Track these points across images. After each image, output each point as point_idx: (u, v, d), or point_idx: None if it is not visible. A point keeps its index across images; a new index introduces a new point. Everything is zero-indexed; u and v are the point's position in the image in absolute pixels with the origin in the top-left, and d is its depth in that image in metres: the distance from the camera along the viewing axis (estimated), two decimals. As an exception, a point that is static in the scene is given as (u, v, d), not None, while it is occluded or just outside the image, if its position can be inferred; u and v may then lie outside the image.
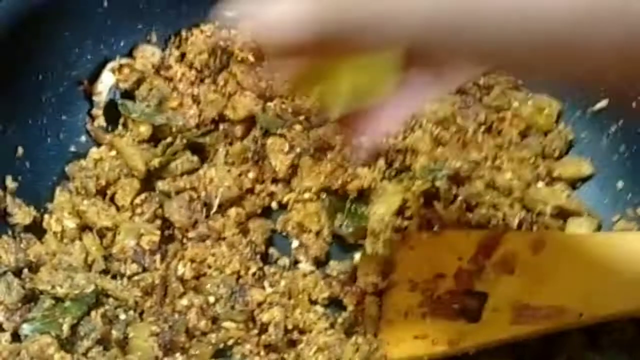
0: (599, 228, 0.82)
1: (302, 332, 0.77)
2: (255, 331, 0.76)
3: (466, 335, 0.71)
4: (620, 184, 0.84)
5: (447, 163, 0.84)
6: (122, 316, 0.76)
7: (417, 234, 0.82)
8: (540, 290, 0.71)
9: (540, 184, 0.84)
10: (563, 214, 0.83)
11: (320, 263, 0.83)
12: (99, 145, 0.87)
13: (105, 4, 0.86)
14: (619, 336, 0.73)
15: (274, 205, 0.87)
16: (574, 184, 0.86)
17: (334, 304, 0.81)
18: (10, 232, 0.79)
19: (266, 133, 0.88)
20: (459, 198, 0.83)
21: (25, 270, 0.77)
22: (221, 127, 0.89)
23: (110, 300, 0.77)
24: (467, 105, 0.89)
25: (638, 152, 0.83)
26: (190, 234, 0.82)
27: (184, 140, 0.87)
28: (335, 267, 0.82)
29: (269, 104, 0.90)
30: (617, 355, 0.73)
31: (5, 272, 0.76)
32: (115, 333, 0.74)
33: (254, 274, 0.80)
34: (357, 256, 0.83)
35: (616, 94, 0.83)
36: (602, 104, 0.86)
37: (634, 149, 0.83)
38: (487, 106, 0.89)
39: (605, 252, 0.71)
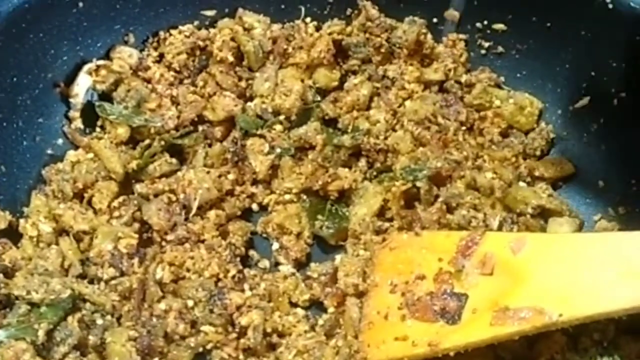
0: (580, 228, 0.82)
1: (281, 335, 0.77)
2: (234, 335, 0.75)
3: (446, 337, 0.71)
4: (601, 183, 0.84)
5: (428, 163, 0.84)
6: (100, 321, 0.75)
7: (398, 235, 0.81)
8: (520, 291, 0.70)
9: (522, 184, 0.84)
10: (544, 214, 0.82)
11: (301, 265, 0.83)
12: (76, 147, 0.86)
13: (81, 4, 0.85)
14: (600, 337, 0.73)
15: (254, 206, 0.86)
16: (555, 183, 0.86)
17: (315, 305, 0.80)
18: (-15, 237, 0.78)
19: (246, 134, 0.88)
20: (440, 199, 0.82)
21: (0, 276, 0.76)
22: (200, 128, 0.88)
23: (87, 305, 0.76)
24: (448, 104, 0.89)
25: (619, 151, 0.82)
26: (169, 237, 0.81)
27: (163, 142, 0.86)
28: (316, 268, 0.82)
29: (248, 104, 0.89)
30: (598, 356, 0.73)
31: (-20, 278, 0.75)
32: (92, 338, 0.74)
33: (233, 277, 0.79)
34: (338, 258, 0.82)
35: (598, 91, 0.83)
36: (583, 102, 0.85)
37: (615, 148, 0.83)
38: (468, 105, 0.89)
39: (586, 253, 0.70)
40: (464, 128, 0.88)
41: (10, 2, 0.80)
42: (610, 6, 0.79)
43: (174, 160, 0.86)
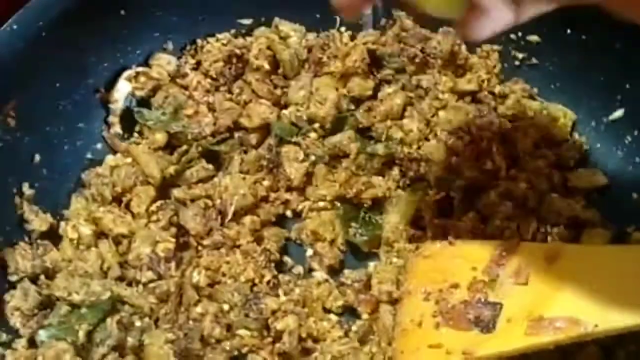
0: (613, 239, 0.82)
1: (316, 340, 0.77)
2: (270, 339, 0.76)
3: (480, 345, 0.71)
4: (635, 195, 0.84)
5: (462, 173, 0.84)
6: (138, 323, 0.76)
7: (431, 244, 0.82)
8: (555, 301, 0.70)
9: (555, 195, 0.84)
10: (577, 225, 0.82)
11: (334, 271, 0.84)
12: (115, 152, 0.88)
13: (123, 12, 0.86)
14: (635, 348, 0.73)
15: (288, 213, 0.87)
16: (588, 194, 0.86)
17: (348, 312, 0.81)
18: (27, 239, 0.80)
19: (281, 141, 0.89)
20: (474, 209, 0.83)
21: (42, 277, 0.77)
22: (236, 135, 0.90)
23: (126, 307, 0.77)
24: (482, 114, 0.89)
25: (653, 163, 0.83)
26: (205, 242, 0.82)
27: (199, 148, 0.87)
28: (349, 275, 0.82)
29: (283, 111, 0.90)
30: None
31: (22, 279, 0.77)
32: (130, 340, 0.75)
33: (268, 282, 0.80)
34: (372, 265, 0.83)
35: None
36: (618, 114, 0.86)
37: (650, 160, 0.83)
38: (502, 115, 0.89)
39: (620, 264, 0.70)
40: (497, 138, 0.88)
41: (55, 10, 0.82)
42: (646, 19, 0.79)
43: (210, 166, 0.87)
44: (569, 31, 0.86)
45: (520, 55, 0.91)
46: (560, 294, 0.70)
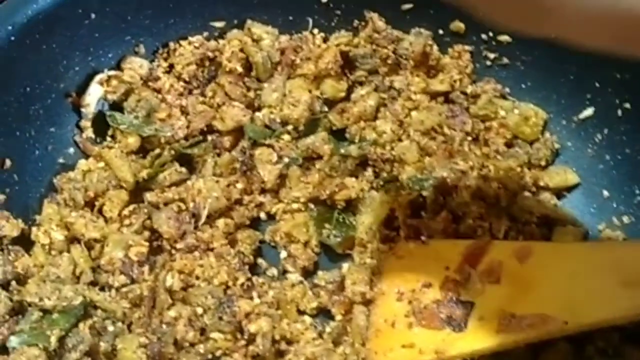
0: (584, 237, 0.83)
1: (290, 342, 0.78)
2: (243, 342, 0.76)
3: (452, 344, 0.72)
4: (605, 193, 0.85)
5: (434, 173, 0.85)
6: (111, 328, 0.76)
7: (405, 244, 0.82)
8: (525, 299, 0.71)
9: (527, 194, 0.85)
10: (549, 223, 0.83)
11: (308, 273, 0.84)
12: (87, 157, 0.88)
13: (93, 16, 0.86)
14: (604, 345, 0.74)
15: (262, 215, 0.88)
16: (559, 193, 0.87)
17: (322, 313, 0.81)
18: (-2, 245, 0.79)
19: (254, 143, 0.89)
20: (446, 208, 0.84)
21: (13, 283, 0.77)
22: (209, 138, 0.89)
23: (99, 312, 0.77)
24: (454, 114, 0.90)
25: (623, 161, 0.83)
26: (179, 245, 0.82)
27: (172, 152, 0.87)
28: (323, 277, 0.82)
29: (257, 114, 0.91)
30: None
31: (-7, 285, 0.76)
32: (103, 345, 0.75)
33: (242, 285, 0.80)
34: (345, 266, 0.83)
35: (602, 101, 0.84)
36: (588, 112, 0.86)
37: (619, 158, 0.84)
38: (474, 115, 0.90)
39: (590, 261, 0.71)
40: (469, 138, 0.89)
41: (24, 14, 0.81)
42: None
43: (183, 170, 0.87)
44: (538, 31, 0.87)
45: (491, 55, 0.92)
46: (531, 292, 0.71)
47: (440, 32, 0.92)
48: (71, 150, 0.88)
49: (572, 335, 0.71)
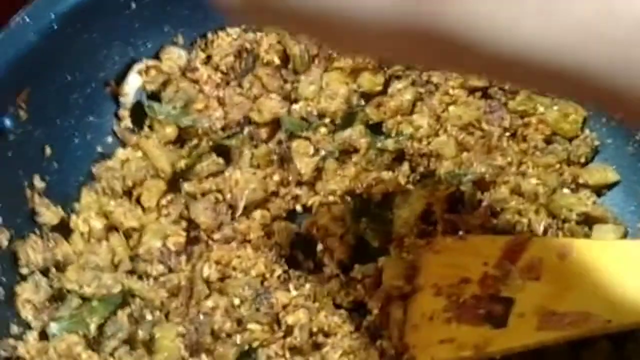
0: (624, 235, 0.82)
1: (327, 335, 0.77)
2: (280, 334, 0.77)
3: (492, 341, 0.71)
4: (646, 191, 0.84)
5: (472, 168, 0.84)
6: (149, 316, 0.76)
7: (442, 239, 0.82)
8: (566, 296, 0.70)
9: (566, 191, 0.84)
10: (589, 221, 0.82)
11: (344, 266, 0.84)
12: (125, 146, 0.88)
13: (133, 5, 0.86)
14: (645, 343, 0.73)
15: (298, 208, 0.87)
16: (599, 190, 0.86)
17: (359, 307, 0.81)
18: (38, 232, 0.80)
19: (291, 136, 0.89)
20: (484, 203, 0.83)
21: (53, 270, 0.77)
22: (246, 129, 0.89)
23: (137, 300, 0.77)
24: (492, 110, 0.89)
25: (664, 159, 0.83)
26: (216, 236, 0.82)
27: (210, 143, 0.87)
28: (359, 270, 0.82)
29: (294, 106, 0.90)
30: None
31: (33, 272, 0.77)
32: (141, 333, 0.75)
33: (278, 277, 0.80)
34: (382, 260, 0.83)
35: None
36: (628, 110, 0.85)
37: (660, 156, 0.83)
38: (512, 111, 0.89)
39: (631, 259, 0.71)
40: (507, 134, 0.88)
41: (66, 3, 0.82)
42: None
43: (220, 161, 0.87)
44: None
45: (531, 51, 0.91)
46: (572, 289, 0.70)
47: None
48: (110, 139, 0.88)
49: (613, 334, 0.71)
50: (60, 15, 0.81)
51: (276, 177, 0.87)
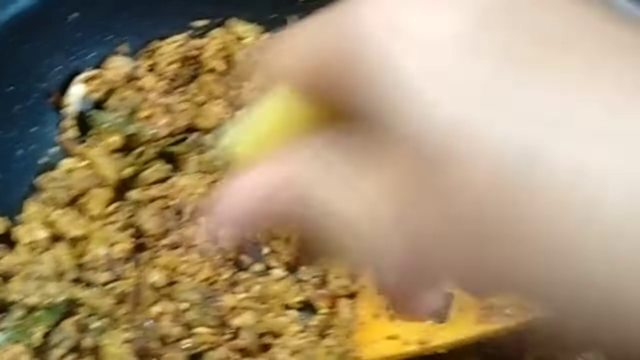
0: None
1: (274, 335, 0.78)
2: (228, 336, 0.77)
3: (435, 335, 0.72)
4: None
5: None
6: (95, 324, 0.76)
7: (387, 238, 0.82)
8: (505, 289, 0.72)
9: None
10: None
11: (292, 268, 0.84)
12: (70, 156, 0.88)
13: (75, 15, 0.86)
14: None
15: (245, 212, 0.88)
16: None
17: (307, 307, 0.82)
18: (-20, 244, 0.79)
19: (237, 141, 0.89)
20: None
21: (-3, 281, 0.77)
22: (192, 136, 0.90)
23: (83, 308, 0.77)
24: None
25: None
26: (163, 242, 0.82)
27: (156, 149, 0.87)
28: (307, 271, 0.83)
29: (239, 112, 0.91)
30: (585, 353, 0.74)
31: (-24, 283, 0.76)
32: (88, 341, 0.75)
33: (226, 280, 0.80)
34: (329, 260, 0.84)
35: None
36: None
37: None
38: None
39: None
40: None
41: (6, 13, 0.82)
42: None
43: (166, 167, 0.87)
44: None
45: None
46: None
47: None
48: (54, 149, 0.88)
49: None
50: (1, 25, 0.81)
51: (223, 182, 0.87)
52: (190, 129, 0.90)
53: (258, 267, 0.85)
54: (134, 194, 0.85)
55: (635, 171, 0.27)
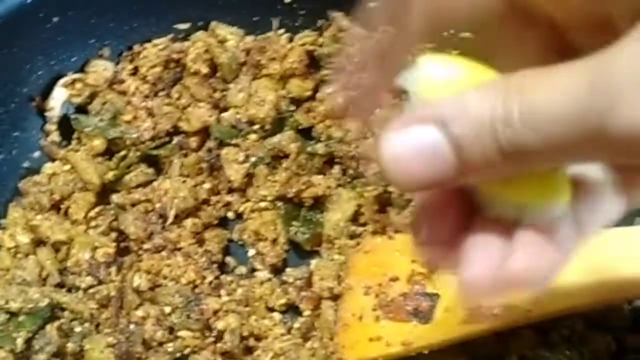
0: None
1: (258, 338, 0.78)
2: (212, 339, 0.77)
3: (419, 336, 0.72)
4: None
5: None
6: (78, 329, 0.76)
7: (372, 239, 0.83)
8: (490, 289, 0.72)
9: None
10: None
11: (277, 270, 0.84)
12: (52, 160, 0.87)
13: (56, 19, 0.86)
14: (568, 332, 0.75)
15: (230, 215, 0.88)
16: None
17: (291, 310, 0.82)
18: (-37, 249, 0.79)
19: (221, 143, 0.89)
20: (412, 203, 0.84)
21: (-21, 287, 0.77)
22: (175, 139, 0.90)
23: (66, 313, 0.77)
24: (418, 111, 0.90)
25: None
26: (146, 246, 0.82)
27: (139, 153, 0.87)
28: (291, 273, 0.83)
29: (223, 114, 0.91)
30: (567, 351, 0.74)
31: (-42, 289, 0.76)
32: (71, 345, 0.75)
33: (210, 283, 0.80)
34: (314, 262, 0.84)
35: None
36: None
37: None
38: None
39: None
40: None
41: (-14, 17, 0.81)
42: None
43: (150, 170, 0.87)
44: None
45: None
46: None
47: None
48: (37, 154, 0.88)
49: (537, 323, 0.72)
50: (-20, 30, 0.81)
51: (207, 185, 0.87)
52: (174, 132, 0.90)
53: (242, 269, 0.85)
54: (116, 198, 0.85)
55: None
